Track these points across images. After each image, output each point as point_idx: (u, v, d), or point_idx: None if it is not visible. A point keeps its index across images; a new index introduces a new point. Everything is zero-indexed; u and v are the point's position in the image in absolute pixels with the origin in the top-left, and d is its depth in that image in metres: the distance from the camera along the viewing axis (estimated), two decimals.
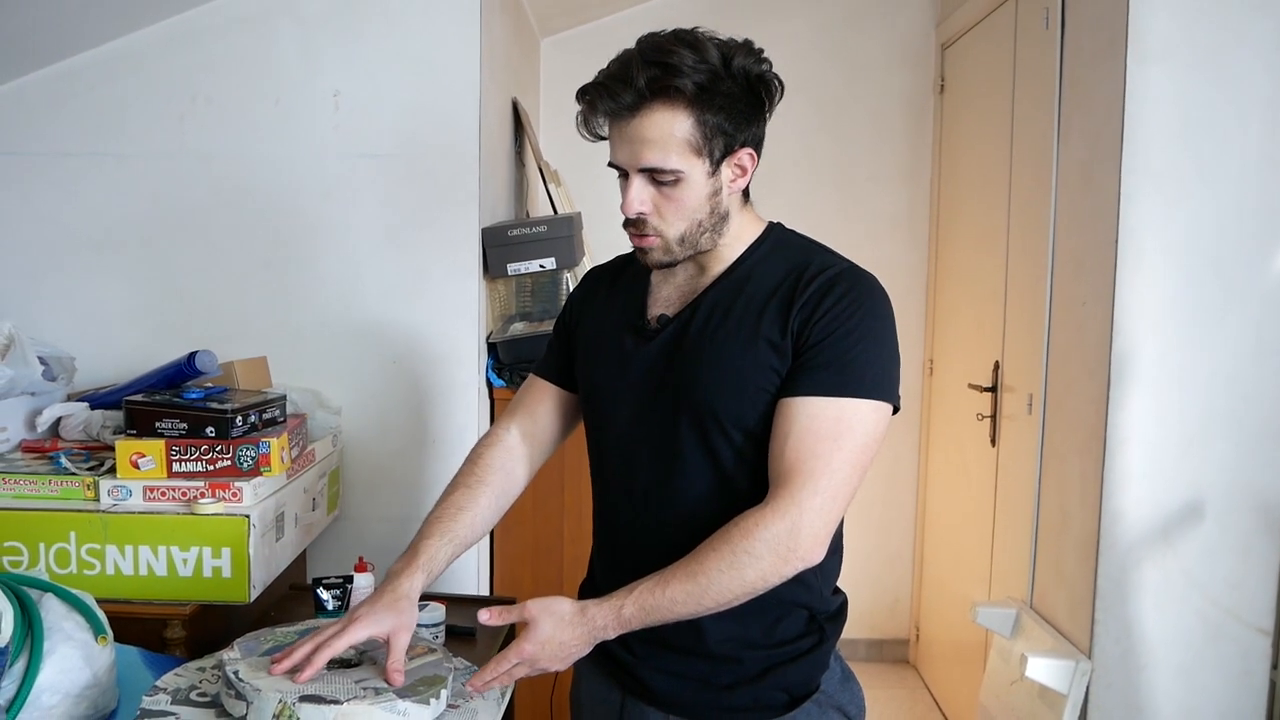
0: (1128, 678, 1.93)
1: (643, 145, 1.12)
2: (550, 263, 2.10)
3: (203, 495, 1.59)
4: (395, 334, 2.05)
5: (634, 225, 1.18)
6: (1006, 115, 2.54)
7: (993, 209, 2.63)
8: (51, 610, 1.30)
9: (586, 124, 1.17)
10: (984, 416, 2.62)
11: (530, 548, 2.18)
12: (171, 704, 1.15)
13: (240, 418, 1.64)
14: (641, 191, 1.15)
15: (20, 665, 1.22)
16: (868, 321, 1.14)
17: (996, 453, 2.58)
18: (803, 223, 1.27)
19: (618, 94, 1.11)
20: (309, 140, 2.03)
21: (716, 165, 1.15)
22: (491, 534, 2.17)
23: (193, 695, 1.19)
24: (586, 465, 1.34)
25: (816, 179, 3.26)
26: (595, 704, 1.32)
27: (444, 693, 1.14)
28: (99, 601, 1.38)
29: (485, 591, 2.10)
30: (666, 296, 1.26)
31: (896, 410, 1.17)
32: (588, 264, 2.40)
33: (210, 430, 1.62)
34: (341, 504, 2.06)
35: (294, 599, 1.82)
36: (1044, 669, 1.97)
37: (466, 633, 1.67)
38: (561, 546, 2.16)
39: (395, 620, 1.16)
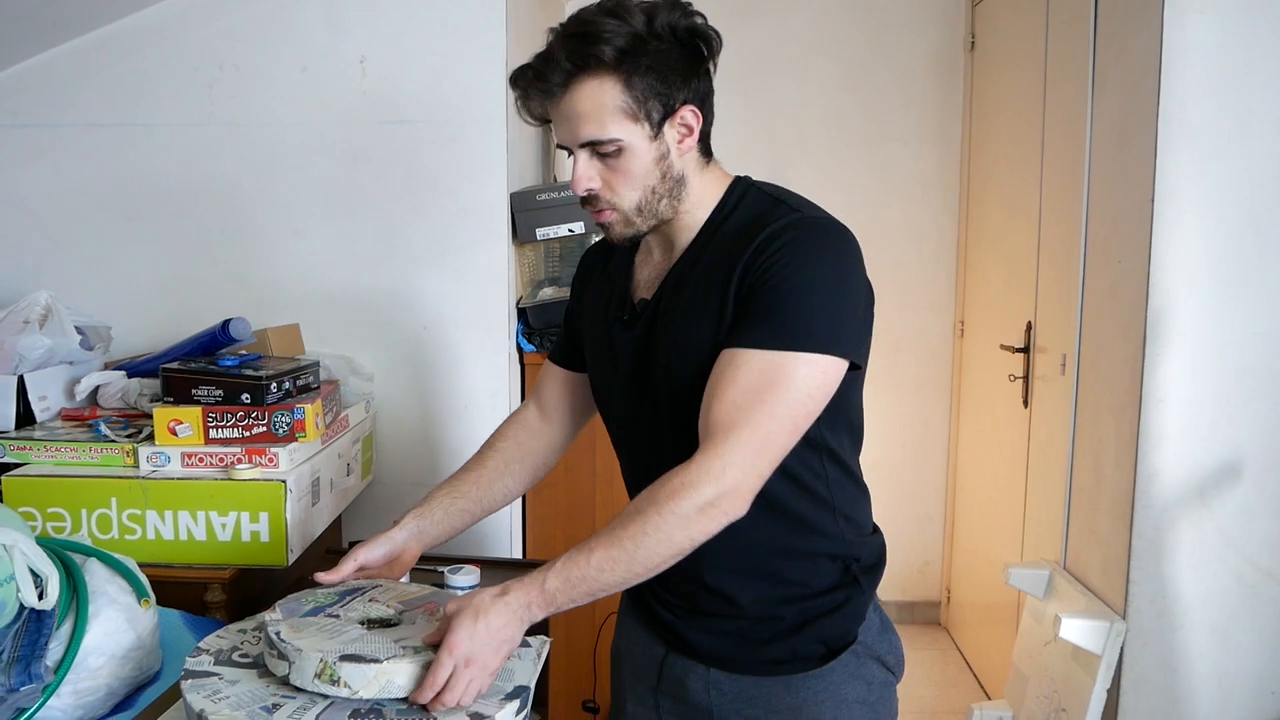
0: (1163, 638, 1.92)
1: (578, 120, 1.10)
2: (579, 227, 2.09)
3: (240, 461, 1.62)
4: (426, 300, 2.06)
5: (589, 203, 1.16)
6: (1039, 72, 2.49)
7: (1025, 168, 2.59)
8: (95, 574, 1.33)
9: (526, 109, 1.15)
10: (1016, 378, 2.60)
11: (563, 510, 2.19)
12: (214, 665, 1.17)
13: (275, 384, 1.65)
14: (588, 167, 1.13)
15: (66, 628, 1.25)
16: (807, 270, 1.07)
17: (1029, 414, 2.56)
18: (830, 184, 1.27)
19: (545, 75, 1.10)
20: (337, 107, 2.03)
21: (658, 128, 1.11)
22: (524, 498, 2.19)
23: (235, 656, 1.22)
24: None
25: (844, 140, 3.21)
26: (637, 656, 1.32)
27: None
28: (140, 566, 1.41)
29: (519, 554, 2.12)
30: (646, 279, 1.24)
31: (856, 366, 1.11)
32: None
33: (246, 397, 1.64)
34: (375, 469, 2.08)
35: (330, 562, 1.82)
36: (1078, 630, 1.96)
37: None
38: (594, 509, 2.18)
39: (387, 548, 1.30)
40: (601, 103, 1.09)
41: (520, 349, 2.14)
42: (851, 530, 1.21)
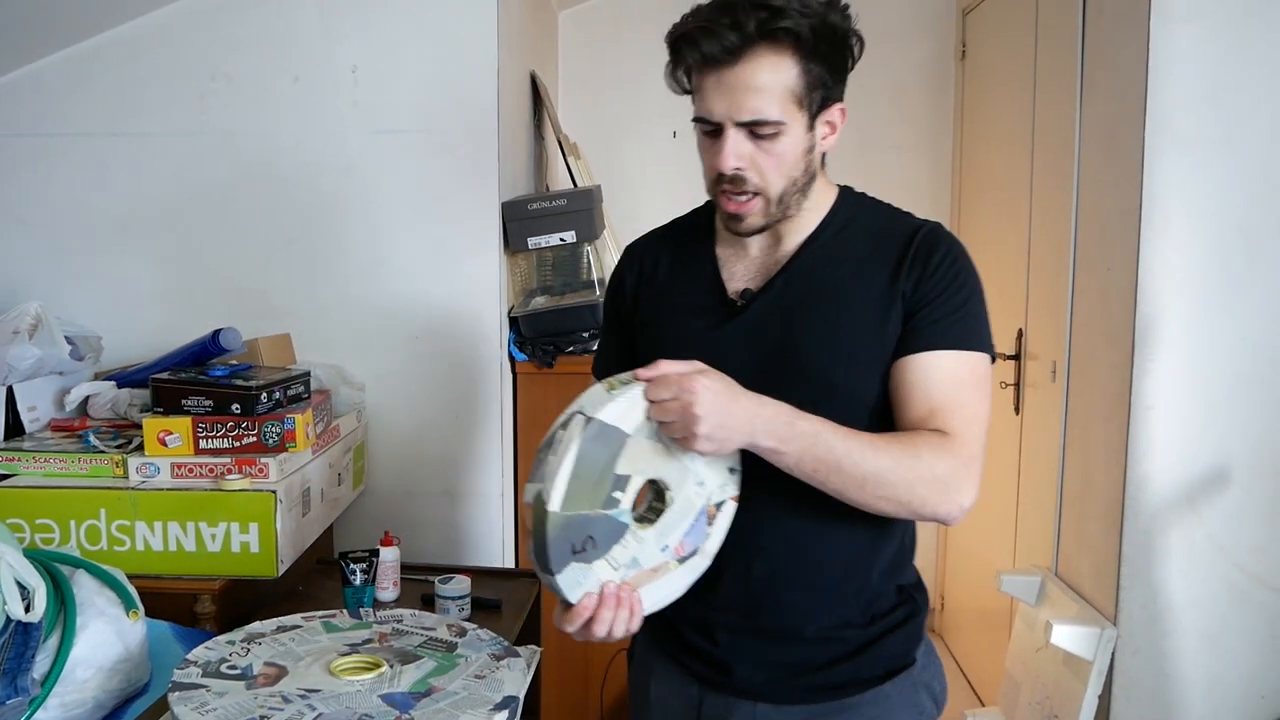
0: (1153, 644, 1.92)
1: (747, 93, 1.04)
2: (570, 236, 2.10)
3: (229, 471, 1.62)
4: (417, 309, 2.06)
5: (731, 183, 1.09)
6: (1029, 81, 2.50)
7: (1015, 177, 2.60)
8: (83, 586, 1.33)
9: (678, 69, 1.09)
10: (1007, 384, 2.60)
11: None
12: (202, 676, 1.17)
13: (265, 394, 1.65)
14: (739, 145, 1.07)
15: (54, 641, 1.25)
16: (974, 277, 1.13)
17: (1020, 420, 2.56)
18: None
19: (721, 35, 1.03)
20: (329, 116, 2.04)
21: (813, 120, 1.09)
22: (516, 507, 2.19)
23: (223, 668, 1.21)
24: None
25: (836, 149, 3.20)
26: (668, 702, 1.23)
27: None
28: (129, 577, 1.41)
29: (510, 564, 2.12)
30: (744, 271, 1.18)
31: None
32: (608, 237, 2.40)
33: (236, 407, 1.64)
34: (367, 479, 2.08)
35: (321, 573, 1.84)
36: (1069, 636, 1.96)
37: (492, 605, 1.69)
38: None
39: None
40: (778, 81, 1.05)
41: (512, 358, 2.14)
42: (911, 545, 1.21)
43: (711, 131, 1.09)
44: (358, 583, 1.60)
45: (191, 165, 2.05)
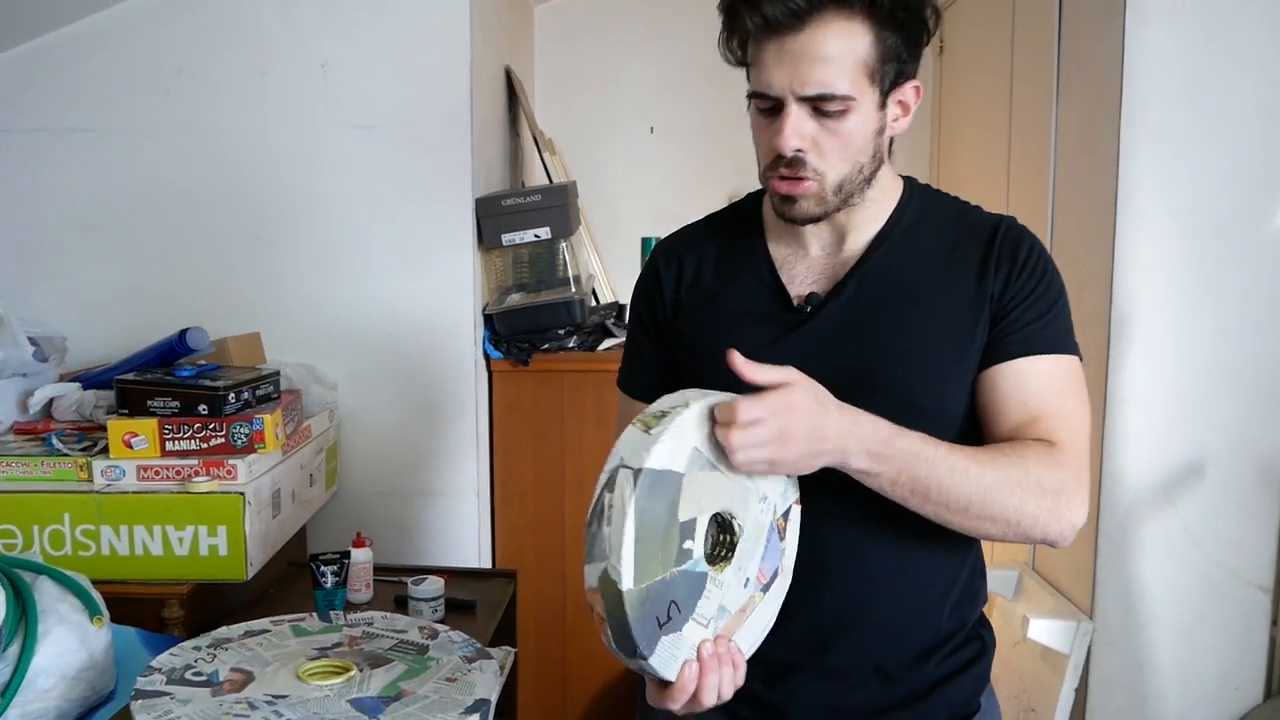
0: (1129, 637, 1.93)
1: (814, 64, 0.93)
2: (545, 232, 2.07)
3: (197, 474, 1.59)
4: (390, 307, 2.03)
5: (788, 166, 0.98)
6: (1006, 76, 2.50)
7: (992, 171, 2.60)
8: (46, 593, 1.30)
9: (732, 37, 0.99)
10: None
11: (532, 520, 2.17)
12: (166, 684, 1.14)
13: (233, 394, 1.63)
14: (801, 123, 0.96)
15: (14, 649, 1.22)
16: (1058, 274, 1.04)
17: None
18: None
19: None
20: (297, 112, 2.00)
21: (884, 97, 0.98)
22: (492, 507, 2.17)
23: (188, 675, 1.19)
24: (586, 437, 1.29)
25: None
26: None
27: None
28: (95, 583, 1.38)
29: (487, 563, 2.10)
30: (806, 273, 1.06)
31: None
32: (584, 234, 2.38)
33: (203, 408, 1.61)
34: (340, 479, 2.05)
35: (293, 575, 1.82)
36: (1046, 630, 1.97)
37: (466, 605, 1.67)
38: (563, 518, 2.16)
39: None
40: (848, 50, 0.94)
41: (487, 356, 2.12)
42: (983, 569, 1.11)
43: (770, 109, 0.98)
44: (329, 585, 1.57)
45: (157, 162, 2.01)
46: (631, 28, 2.87)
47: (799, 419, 0.88)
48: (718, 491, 0.89)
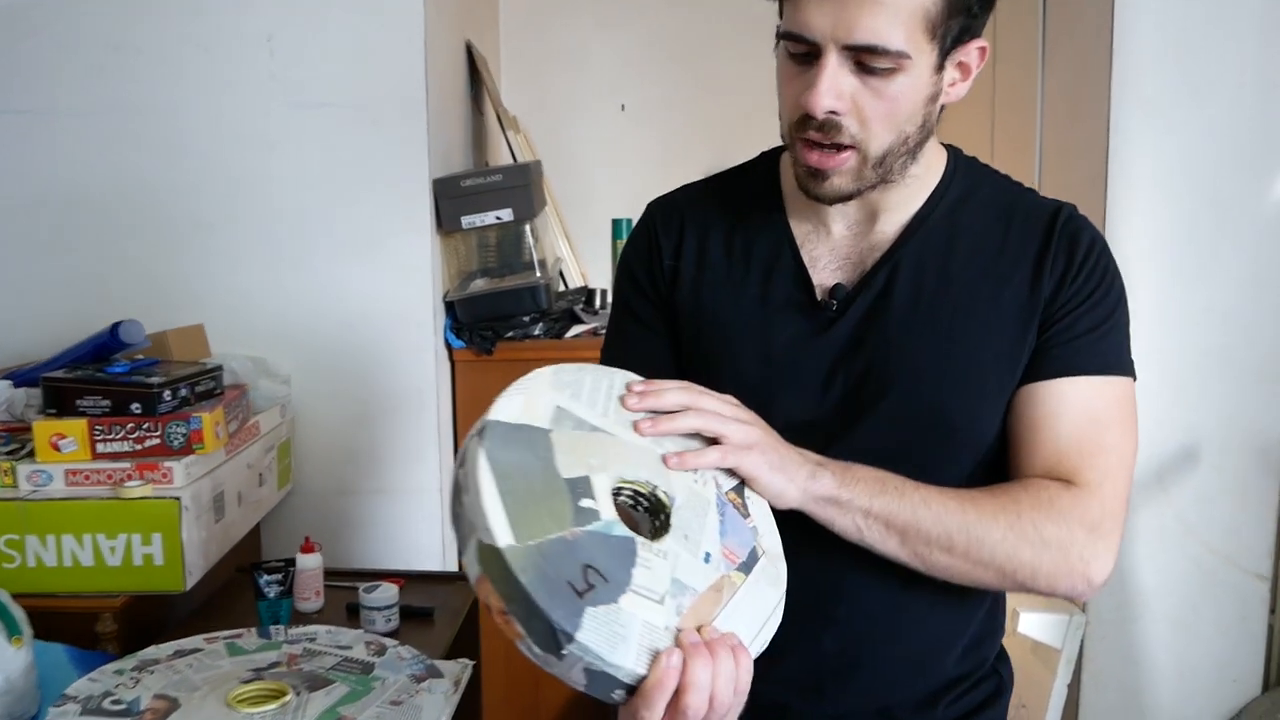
0: (1122, 630, 1.85)
1: (863, 7, 0.77)
2: (507, 214, 1.97)
3: (130, 477, 1.48)
4: (344, 295, 1.92)
5: (819, 129, 0.82)
6: (988, 43, 2.41)
7: (974, 145, 2.50)
8: None
9: None
10: None
11: None
12: (81, 715, 1.05)
13: (169, 391, 1.52)
14: (839, 79, 0.80)
15: None
16: (1120, 278, 0.90)
17: None
18: None
19: None
20: (243, 90, 1.89)
21: (944, 58, 0.83)
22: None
23: (106, 703, 1.10)
24: None
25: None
26: None
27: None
28: (20, 597, 1.27)
29: (451, 567, 2.00)
30: (829, 258, 0.93)
31: None
32: (551, 215, 2.27)
33: (136, 407, 1.50)
34: (295, 477, 1.95)
35: (241, 582, 1.71)
36: (1037, 624, 1.89)
37: (423, 613, 1.57)
38: None
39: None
40: None
41: (449, 345, 2.02)
42: (1002, 610, 1.02)
43: (803, 55, 0.82)
44: (272, 596, 1.48)
45: (91, 144, 1.89)
46: (600, 2, 2.75)
47: (762, 423, 0.81)
48: (614, 456, 0.77)
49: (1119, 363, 0.89)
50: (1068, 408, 0.86)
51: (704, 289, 0.96)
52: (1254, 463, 1.81)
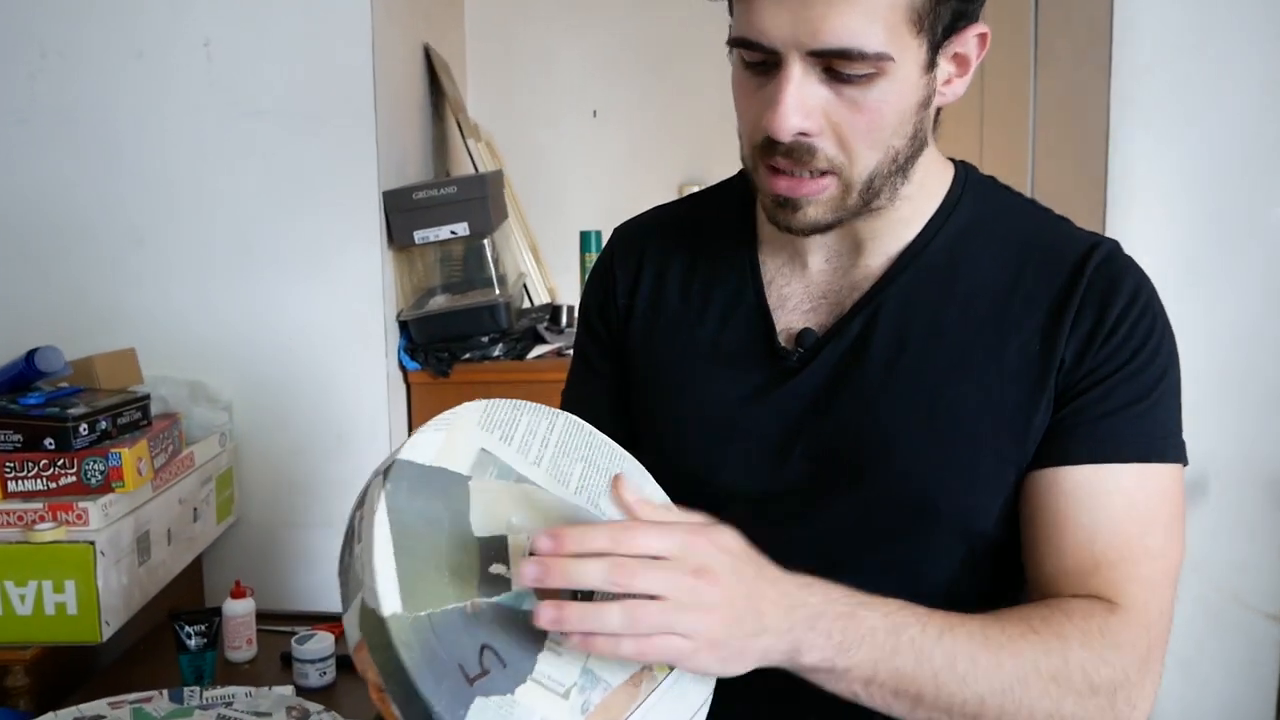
0: None
1: (829, 4, 0.63)
2: (463, 228, 1.85)
3: (42, 519, 1.36)
4: (290, 315, 1.80)
5: (788, 156, 0.68)
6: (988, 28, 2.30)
7: (962, 150, 2.39)
8: None
9: None
10: None
11: None
12: None
13: (85, 425, 1.40)
14: (807, 92, 0.65)
15: None
16: (1171, 338, 0.75)
17: None
18: None
19: None
20: (181, 97, 1.77)
21: (934, 52, 0.69)
22: None
23: None
24: None
25: None
26: None
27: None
28: None
29: None
30: (801, 296, 0.78)
31: None
32: (514, 228, 2.15)
33: (49, 442, 1.39)
34: (239, 509, 1.83)
35: (164, 636, 1.59)
36: None
37: None
38: None
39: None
40: None
41: (404, 368, 1.89)
42: None
43: (760, 65, 0.67)
44: (195, 648, 1.35)
45: (23, 155, 1.77)
46: (569, 4, 2.63)
47: (726, 567, 0.59)
48: (541, 515, 0.66)
49: (1166, 447, 0.73)
50: (1105, 503, 0.70)
51: (657, 334, 0.83)
52: (1264, 496, 1.69)
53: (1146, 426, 0.72)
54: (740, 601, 0.59)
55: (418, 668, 0.57)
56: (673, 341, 0.82)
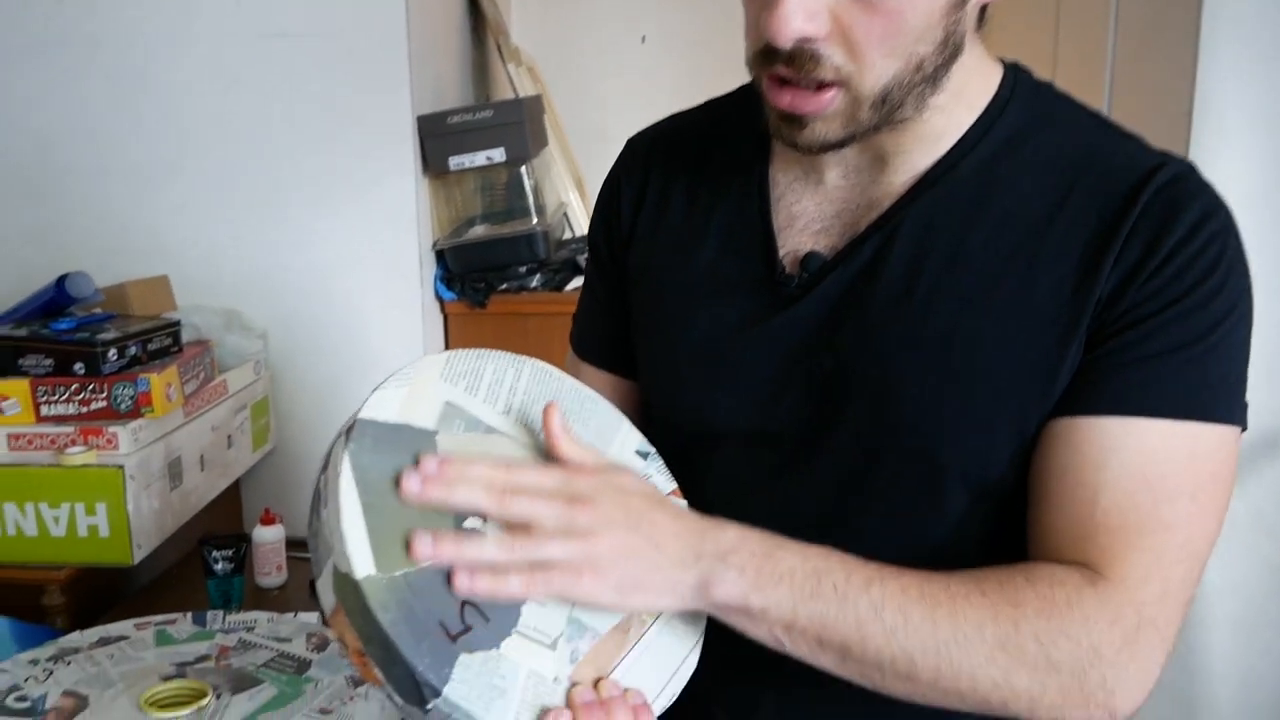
0: (1181, 637, 1.63)
1: None
2: (499, 154, 1.79)
3: (73, 442, 1.37)
4: (324, 243, 1.78)
5: (789, 64, 0.60)
6: (1050, 37, 2.14)
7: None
8: None
9: None
10: None
11: None
12: None
13: (115, 350, 1.40)
14: None
15: None
16: (1242, 275, 0.63)
17: None
18: None
19: None
20: (209, 19, 1.72)
21: None
22: None
23: (10, 699, 1.00)
24: None
25: None
26: None
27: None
28: None
29: None
30: (813, 214, 0.70)
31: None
32: (555, 156, 2.09)
33: (79, 366, 1.39)
34: (276, 436, 1.83)
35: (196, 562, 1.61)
36: None
37: None
38: None
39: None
40: None
41: (440, 298, 1.86)
42: None
43: None
44: (222, 573, 1.36)
45: (53, 80, 1.75)
46: None
47: (608, 497, 0.58)
48: (517, 462, 0.65)
49: (1213, 403, 0.61)
50: (1119, 460, 0.60)
51: (656, 255, 0.76)
52: None
53: (1190, 377, 0.61)
54: (624, 531, 0.58)
55: (397, 629, 0.55)
56: (670, 266, 0.75)
